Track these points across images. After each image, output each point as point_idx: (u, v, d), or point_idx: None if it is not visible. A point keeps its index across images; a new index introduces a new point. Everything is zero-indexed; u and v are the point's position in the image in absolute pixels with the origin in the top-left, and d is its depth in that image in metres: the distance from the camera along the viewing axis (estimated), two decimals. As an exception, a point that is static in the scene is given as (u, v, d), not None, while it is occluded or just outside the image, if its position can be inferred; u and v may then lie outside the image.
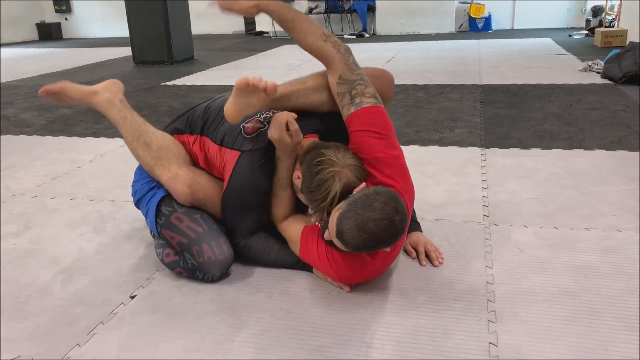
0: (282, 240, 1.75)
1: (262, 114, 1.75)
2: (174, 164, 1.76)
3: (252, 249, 1.74)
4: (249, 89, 1.55)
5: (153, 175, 1.81)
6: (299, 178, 1.60)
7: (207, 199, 1.74)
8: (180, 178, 1.72)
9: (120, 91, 1.95)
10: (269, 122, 1.69)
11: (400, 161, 1.62)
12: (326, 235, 1.52)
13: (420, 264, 1.75)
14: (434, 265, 1.75)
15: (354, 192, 1.50)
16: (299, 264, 1.72)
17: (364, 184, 1.52)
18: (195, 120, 1.83)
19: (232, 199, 1.70)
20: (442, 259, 1.78)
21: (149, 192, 1.83)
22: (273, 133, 1.59)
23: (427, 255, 1.78)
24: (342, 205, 1.45)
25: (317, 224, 1.66)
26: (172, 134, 1.87)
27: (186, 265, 1.69)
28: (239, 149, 1.68)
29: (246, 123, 1.72)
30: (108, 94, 1.92)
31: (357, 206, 1.40)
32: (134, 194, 1.91)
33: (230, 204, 1.71)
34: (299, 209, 1.77)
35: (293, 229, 1.70)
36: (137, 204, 1.90)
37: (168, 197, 1.77)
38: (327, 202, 1.51)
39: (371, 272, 1.61)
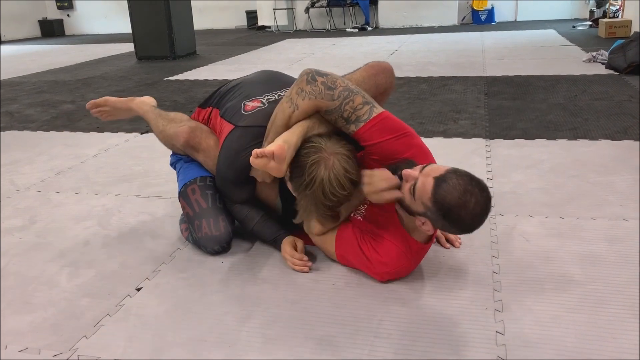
0: (262, 214, 1.80)
1: (267, 95, 1.79)
2: (184, 121, 1.95)
3: (236, 215, 1.83)
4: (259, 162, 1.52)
5: (164, 135, 1.95)
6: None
7: (203, 144, 1.85)
8: (187, 122, 1.93)
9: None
10: (269, 103, 1.74)
11: (423, 149, 1.61)
12: (408, 174, 1.42)
13: (444, 247, 1.79)
14: (454, 247, 1.79)
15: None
16: (273, 242, 1.78)
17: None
18: (216, 96, 1.96)
19: (217, 169, 1.79)
20: (460, 239, 1.82)
21: (188, 158, 1.97)
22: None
23: (446, 238, 1.81)
24: (443, 169, 1.39)
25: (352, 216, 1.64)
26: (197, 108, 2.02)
27: (193, 237, 1.83)
28: (235, 124, 1.74)
29: (249, 101, 1.78)
30: (141, 99, 2.23)
31: (464, 182, 1.36)
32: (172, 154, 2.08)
33: (217, 174, 1.81)
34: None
35: (326, 235, 1.68)
36: (173, 165, 2.06)
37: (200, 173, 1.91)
38: (316, 190, 1.46)
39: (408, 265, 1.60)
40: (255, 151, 1.50)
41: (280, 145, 1.47)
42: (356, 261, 1.63)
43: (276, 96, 1.78)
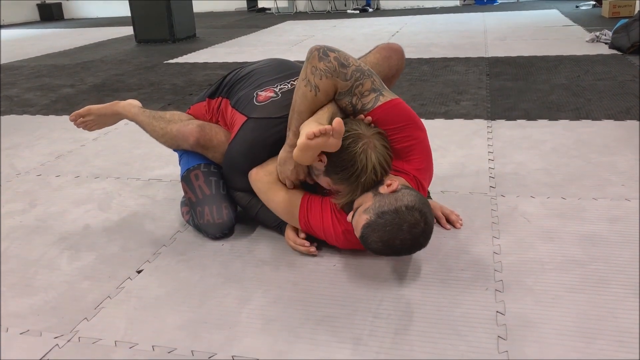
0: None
1: (279, 85, 1.77)
2: (186, 119, 1.93)
3: (240, 201, 1.83)
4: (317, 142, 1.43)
5: (168, 137, 1.90)
6: (321, 160, 1.51)
7: (214, 140, 1.82)
8: (192, 121, 1.89)
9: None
10: (282, 93, 1.73)
11: (423, 143, 1.61)
12: (349, 218, 1.50)
13: (445, 228, 1.78)
14: (455, 228, 1.78)
15: (383, 187, 1.45)
16: (277, 228, 1.78)
17: (396, 182, 1.45)
18: (224, 85, 1.93)
19: (228, 159, 1.77)
20: (462, 220, 1.82)
21: None
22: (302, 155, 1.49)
23: (447, 219, 1.80)
24: (371, 209, 1.41)
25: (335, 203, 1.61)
26: (204, 99, 1.98)
27: (194, 222, 1.83)
28: (248, 115, 1.73)
29: (261, 91, 1.77)
30: (127, 101, 2.18)
31: (387, 222, 1.38)
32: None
33: (225, 162, 1.80)
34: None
35: (288, 196, 1.67)
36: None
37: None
38: (368, 176, 1.47)
39: None
40: (312, 132, 1.40)
41: (338, 120, 1.41)
42: (317, 226, 1.62)
43: (289, 85, 1.76)
